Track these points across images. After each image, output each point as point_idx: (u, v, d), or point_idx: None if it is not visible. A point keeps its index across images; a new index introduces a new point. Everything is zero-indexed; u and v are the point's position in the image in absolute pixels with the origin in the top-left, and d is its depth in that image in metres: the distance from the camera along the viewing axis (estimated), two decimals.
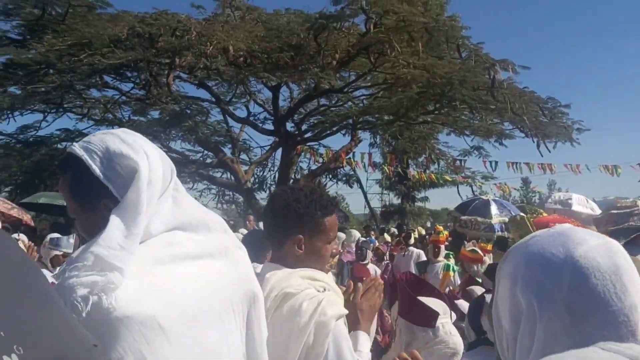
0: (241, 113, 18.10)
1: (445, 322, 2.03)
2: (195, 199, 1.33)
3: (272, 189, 19.04)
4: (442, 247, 7.26)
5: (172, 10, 13.65)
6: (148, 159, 1.17)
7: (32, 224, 9.34)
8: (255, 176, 18.81)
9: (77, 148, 1.20)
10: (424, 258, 7.82)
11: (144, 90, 15.52)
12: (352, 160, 17.19)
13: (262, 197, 18.73)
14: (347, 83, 15.87)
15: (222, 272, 1.26)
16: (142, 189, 1.12)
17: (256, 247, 4.33)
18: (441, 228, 7.82)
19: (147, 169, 1.15)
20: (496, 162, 16.44)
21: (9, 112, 15.45)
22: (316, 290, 1.70)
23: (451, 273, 6.81)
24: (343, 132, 17.45)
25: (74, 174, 1.19)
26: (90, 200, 1.17)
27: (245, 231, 7.93)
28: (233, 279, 1.29)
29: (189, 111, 16.03)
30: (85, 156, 1.17)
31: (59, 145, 16.05)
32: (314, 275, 1.76)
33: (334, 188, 24.16)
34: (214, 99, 16.89)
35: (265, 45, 13.31)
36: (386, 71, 14.61)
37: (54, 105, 15.24)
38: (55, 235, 5.23)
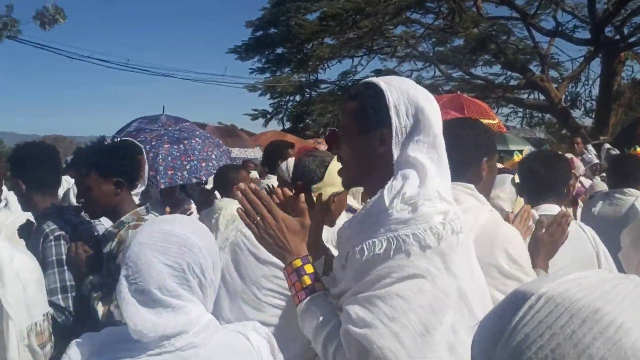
0: (547, 25, 16.43)
1: None
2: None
3: (588, 105, 17.18)
4: None
5: None
6: (433, 109, 1.26)
7: None
8: (567, 93, 17.09)
9: (375, 79, 1.29)
10: None
11: (445, 21, 15.28)
12: None
13: (576, 115, 17.04)
14: None
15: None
16: (438, 132, 1.24)
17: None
18: None
19: (436, 118, 1.25)
20: None
21: (325, 62, 17.11)
22: None
23: None
24: None
25: (364, 99, 1.27)
26: (368, 124, 1.25)
27: (570, 155, 7.04)
28: None
29: (492, 32, 15.30)
30: (383, 85, 1.25)
31: None
32: None
33: None
34: (517, 15, 15.67)
35: None
36: None
37: (365, 49, 16.21)
38: None
